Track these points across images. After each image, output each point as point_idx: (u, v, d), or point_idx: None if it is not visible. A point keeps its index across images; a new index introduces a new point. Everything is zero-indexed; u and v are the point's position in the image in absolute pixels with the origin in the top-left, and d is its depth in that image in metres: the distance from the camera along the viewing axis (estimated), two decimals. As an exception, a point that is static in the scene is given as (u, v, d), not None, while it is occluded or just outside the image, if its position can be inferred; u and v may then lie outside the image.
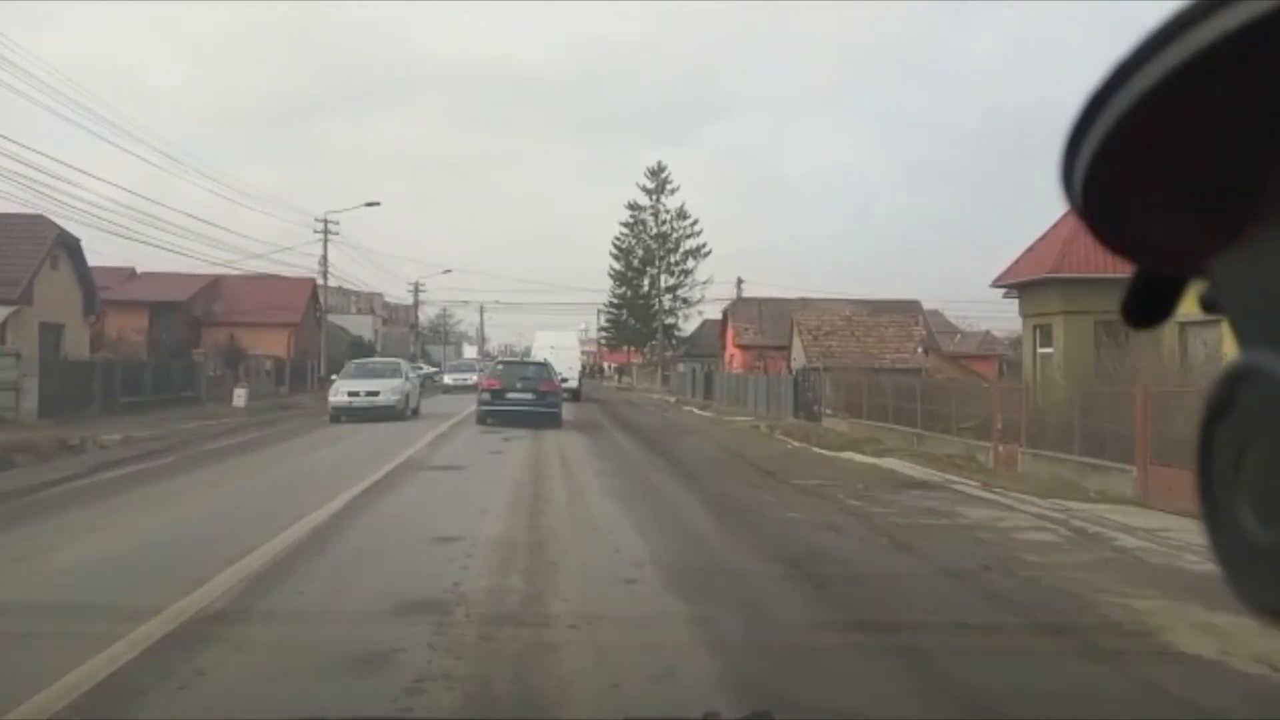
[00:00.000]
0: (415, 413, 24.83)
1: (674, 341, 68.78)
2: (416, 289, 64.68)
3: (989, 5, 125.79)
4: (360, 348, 61.84)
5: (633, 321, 70.40)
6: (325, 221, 42.88)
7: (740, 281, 62.47)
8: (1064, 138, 0.54)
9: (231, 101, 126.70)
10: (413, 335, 66.75)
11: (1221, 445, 0.50)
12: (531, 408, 21.42)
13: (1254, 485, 0.47)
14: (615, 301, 72.03)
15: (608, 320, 75.42)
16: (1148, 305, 0.60)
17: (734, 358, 52.16)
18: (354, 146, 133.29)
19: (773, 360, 48.43)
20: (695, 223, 67.21)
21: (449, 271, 63.87)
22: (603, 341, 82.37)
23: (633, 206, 67.78)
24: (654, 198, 67.25)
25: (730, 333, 53.68)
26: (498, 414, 21.50)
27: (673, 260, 67.59)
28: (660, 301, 68.01)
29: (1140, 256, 0.59)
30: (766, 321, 51.71)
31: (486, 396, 22.30)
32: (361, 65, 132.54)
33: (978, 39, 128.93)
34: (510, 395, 21.84)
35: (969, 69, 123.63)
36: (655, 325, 68.24)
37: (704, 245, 67.21)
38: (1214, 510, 0.50)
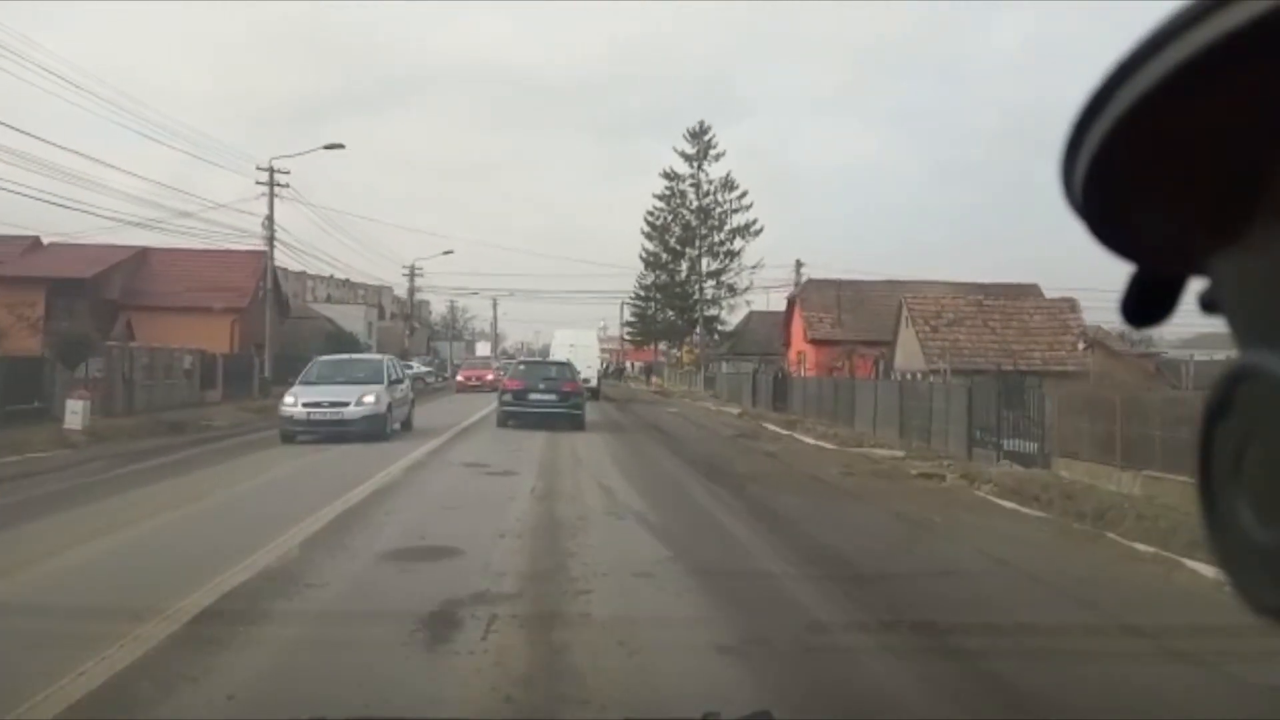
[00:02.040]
0: None
1: (716, 336, 56.99)
2: (412, 272, 53.09)
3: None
4: (343, 342, 50.34)
5: (667, 313, 58.47)
6: (271, 170, 31.30)
7: (800, 264, 50.58)
8: (1064, 137, 0.52)
9: (245, 100, 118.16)
10: (407, 328, 55.11)
11: (1221, 445, 0.49)
12: (554, 409, 20.36)
13: (1254, 485, 0.46)
14: (641, 294, 60.37)
15: (633, 314, 63.83)
16: (1147, 305, 0.58)
17: (804, 356, 40.40)
18: (365, 145, 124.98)
19: (862, 359, 36.72)
20: (744, 195, 55.20)
21: (450, 252, 51.91)
22: (627, 337, 70.61)
23: (669, 175, 55.85)
24: (694, 165, 55.32)
25: (798, 324, 41.90)
26: (519, 416, 20.33)
27: (716, 240, 55.62)
28: (700, 289, 56.10)
29: (1140, 256, 0.57)
30: (845, 311, 39.93)
31: (508, 398, 21.10)
32: (373, 65, 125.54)
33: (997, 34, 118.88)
34: (532, 396, 20.74)
35: (984, 66, 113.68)
36: (695, 317, 56.35)
37: (754, 221, 55.19)
38: (1214, 510, 0.49)
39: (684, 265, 56.39)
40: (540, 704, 4.03)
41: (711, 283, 55.69)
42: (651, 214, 56.31)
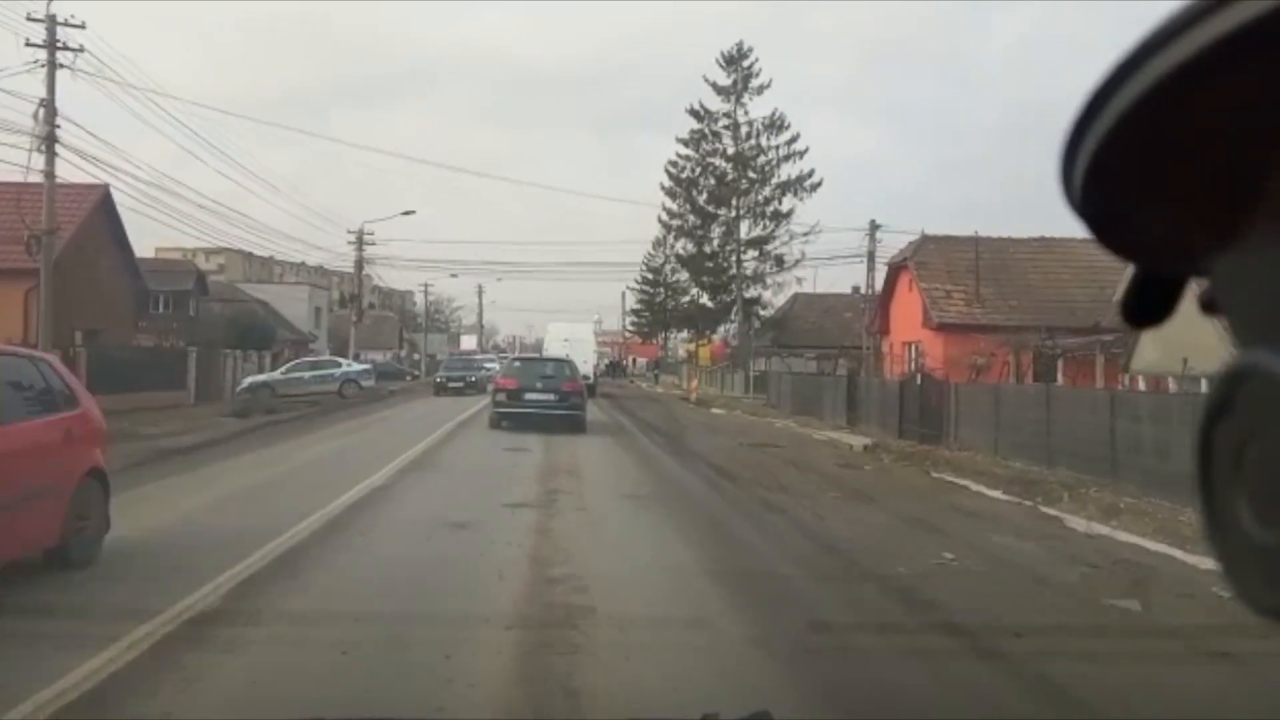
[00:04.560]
0: None
1: (757, 323, 43.25)
2: (360, 238, 39.13)
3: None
4: (254, 332, 36.47)
5: (690, 293, 44.74)
6: (51, 20, 17.31)
7: (876, 225, 36.58)
8: (1064, 137, 0.52)
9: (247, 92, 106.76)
10: (353, 313, 41.15)
11: (1221, 445, 0.48)
12: (552, 410, 18.77)
13: (1254, 485, 0.46)
14: (650, 276, 46.86)
15: (639, 300, 50.22)
16: (1147, 304, 0.58)
17: (920, 348, 26.67)
18: (367, 139, 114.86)
19: (1025, 355, 22.98)
20: (795, 139, 41.39)
21: (411, 212, 37.96)
22: (631, 328, 56.98)
23: (697, 114, 41.97)
24: (731, 99, 41.44)
25: (909, 301, 27.97)
26: (514, 417, 18.67)
27: (759, 198, 41.79)
28: (738, 261, 42.28)
29: (1140, 256, 0.57)
30: (984, 283, 26.11)
31: (502, 397, 19.51)
32: (374, 60, 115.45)
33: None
34: (529, 396, 19.17)
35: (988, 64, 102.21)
36: (731, 298, 42.55)
37: (810, 173, 41.36)
38: (1214, 510, 0.48)
39: (716, 231, 42.62)
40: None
41: (753, 254, 41.92)
42: (674, 164, 42.54)
